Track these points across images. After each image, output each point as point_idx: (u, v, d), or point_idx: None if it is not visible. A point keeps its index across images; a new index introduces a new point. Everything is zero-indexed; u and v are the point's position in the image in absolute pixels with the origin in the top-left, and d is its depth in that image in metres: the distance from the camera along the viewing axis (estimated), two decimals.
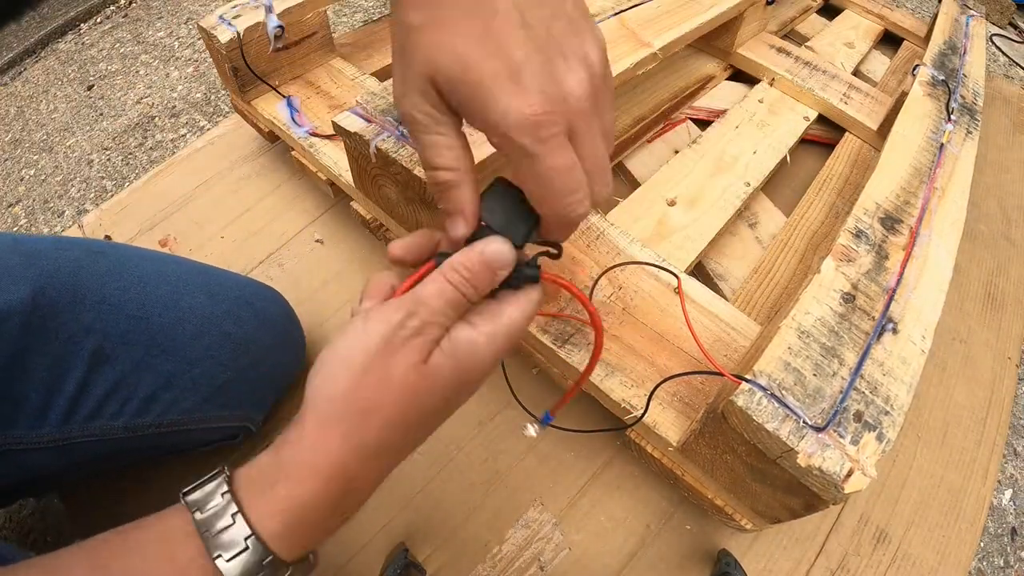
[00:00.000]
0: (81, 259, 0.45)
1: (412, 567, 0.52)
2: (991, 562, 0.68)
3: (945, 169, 0.60)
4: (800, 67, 0.90)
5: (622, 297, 0.55)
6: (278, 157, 0.86)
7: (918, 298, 0.46)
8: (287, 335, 0.58)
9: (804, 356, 0.41)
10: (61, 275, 0.43)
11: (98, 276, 0.45)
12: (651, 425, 0.48)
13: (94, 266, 0.46)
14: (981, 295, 0.82)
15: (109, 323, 0.44)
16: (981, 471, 0.66)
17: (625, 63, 0.64)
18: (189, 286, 0.50)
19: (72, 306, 0.43)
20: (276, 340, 0.55)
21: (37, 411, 0.41)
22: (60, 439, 0.42)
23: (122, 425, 0.44)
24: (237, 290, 0.53)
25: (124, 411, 0.44)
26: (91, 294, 0.44)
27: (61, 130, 1.15)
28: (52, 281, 0.42)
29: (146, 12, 1.45)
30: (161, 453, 0.53)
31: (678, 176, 0.75)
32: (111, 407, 0.44)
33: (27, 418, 0.41)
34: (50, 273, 0.42)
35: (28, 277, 0.41)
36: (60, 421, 0.42)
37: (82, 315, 0.43)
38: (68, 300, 0.43)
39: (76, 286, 0.43)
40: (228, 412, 0.51)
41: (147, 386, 0.45)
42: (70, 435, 0.43)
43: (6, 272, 0.40)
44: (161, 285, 0.48)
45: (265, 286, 0.58)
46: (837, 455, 0.36)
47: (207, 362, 0.48)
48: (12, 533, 0.63)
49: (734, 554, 0.55)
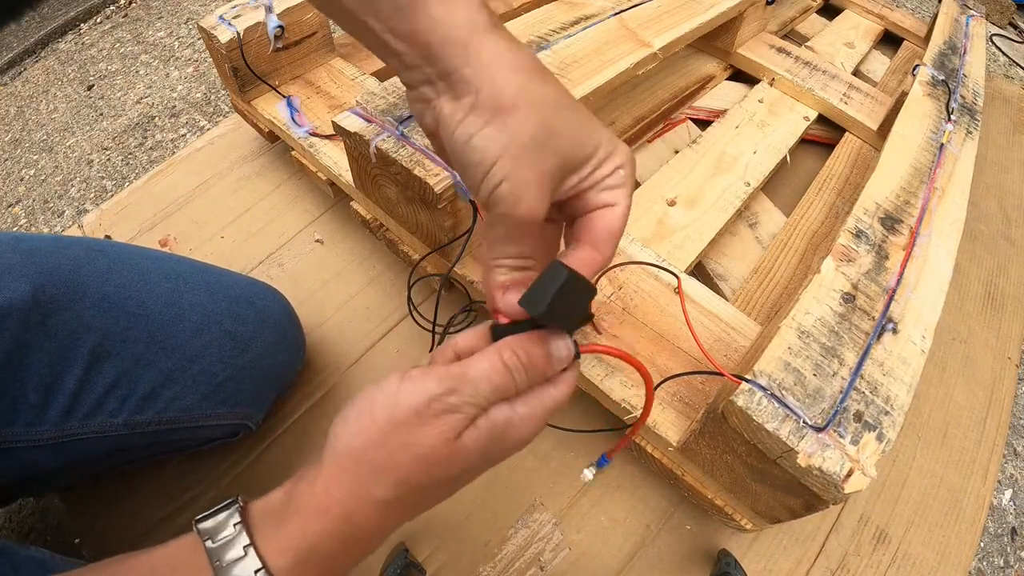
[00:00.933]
0: (81, 257, 0.45)
1: (412, 567, 0.52)
2: (991, 562, 0.68)
3: (945, 169, 0.60)
4: (800, 67, 0.90)
5: (622, 297, 0.55)
6: (278, 157, 0.86)
7: (918, 298, 0.46)
8: (287, 334, 0.58)
9: (804, 356, 0.41)
10: (61, 272, 0.43)
11: (98, 273, 0.45)
12: (651, 425, 0.48)
13: (94, 264, 0.46)
14: (981, 295, 0.82)
15: (109, 320, 0.44)
16: (981, 471, 0.66)
17: (625, 63, 0.64)
18: (189, 283, 0.50)
19: (72, 303, 0.43)
20: (276, 339, 0.55)
21: (36, 408, 0.41)
22: (59, 436, 0.42)
23: (122, 422, 0.44)
24: (237, 288, 0.53)
25: (124, 408, 0.44)
26: (91, 291, 0.44)
27: (61, 130, 1.15)
28: (52, 278, 0.42)
29: (146, 12, 1.45)
30: (161, 451, 0.53)
31: (678, 176, 0.75)
32: (111, 404, 0.44)
33: (26, 415, 0.41)
34: (50, 270, 0.42)
35: (28, 274, 0.41)
36: (59, 418, 0.42)
37: (82, 312, 0.43)
38: (68, 297, 0.43)
39: (76, 283, 0.43)
40: (227, 410, 0.51)
41: (147, 383, 0.45)
42: (69, 432, 0.43)
43: (6, 270, 0.40)
44: (161, 282, 0.48)
45: (265, 285, 0.58)
46: (837, 455, 0.36)
47: (207, 359, 0.48)
48: (12, 533, 0.63)
49: (734, 554, 0.55)
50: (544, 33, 0.65)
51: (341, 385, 0.65)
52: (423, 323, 0.59)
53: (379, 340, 0.69)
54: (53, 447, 0.42)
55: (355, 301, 0.72)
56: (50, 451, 0.43)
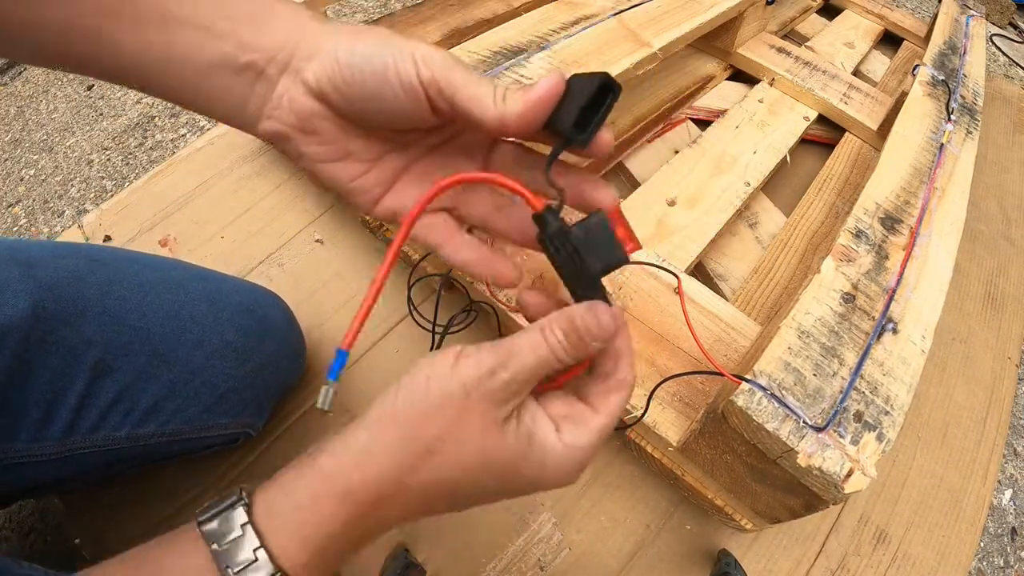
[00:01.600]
0: (80, 268, 0.45)
1: (412, 567, 0.52)
2: (991, 562, 0.68)
3: (945, 169, 0.60)
4: (800, 67, 0.90)
5: (622, 297, 0.55)
6: (278, 157, 0.86)
7: (918, 298, 0.46)
8: (288, 341, 0.57)
9: (804, 356, 0.41)
10: (61, 287, 0.42)
11: (98, 286, 0.45)
12: (651, 425, 0.48)
13: (93, 276, 0.45)
14: (981, 295, 0.82)
15: (110, 334, 0.44)
16: (981, 471, 0.66)
17: (625, 63, 0.64)
18: (191, 294, 0.49)
19: (72, 319, 0.42)
20: (277, 347, 0.55)
21: (38, 424, 0.41)
22: (62, 451, 0.42)
23: (125, 435, 0.44)
24: (238, 296, 0.53)
25: (127, 422, 0.44)
26: (92, 305, 0.43)
27: (61, 130, 1.15)
28: (52, 294, 0.42)
29: None
30: (162, 459, 0.53)
31: (678, 176, 0.75)
32: (114, 418, 0.44)
33: (28, 431, 0.40)
34: (50, 285, 0.42)
35: (27, 290, 0.40)
36: (62, 434, 0.42)
37: (83, 327, 0.42)
38: (68, 312, 0.42)
39: (76, 298, 0.43)
40: (230, 420, 0.51)
41: (150, 396, 0.45)
42: (72, 447, 0.42)
43: (5, 285, 0.40)
44: (162, 294, 0.48)
45: (266, 291, 0.58)
46: (837, 455, 0.36)
47: (209, 371, 0.48)
48: (12, 533, 0.63)
49: (734, 554, 0.55)
50: (544, 33, 0.65)
51: (341, 385, 0.65)
52: (423, 323, 0.59)
53: (379, 340, 0.69)
54: (55, 462, 0.42)
55: (355, 301, 0.72)
56: (52, 465, 0.42)
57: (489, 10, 0.96)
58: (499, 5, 0.96)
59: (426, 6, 0.96)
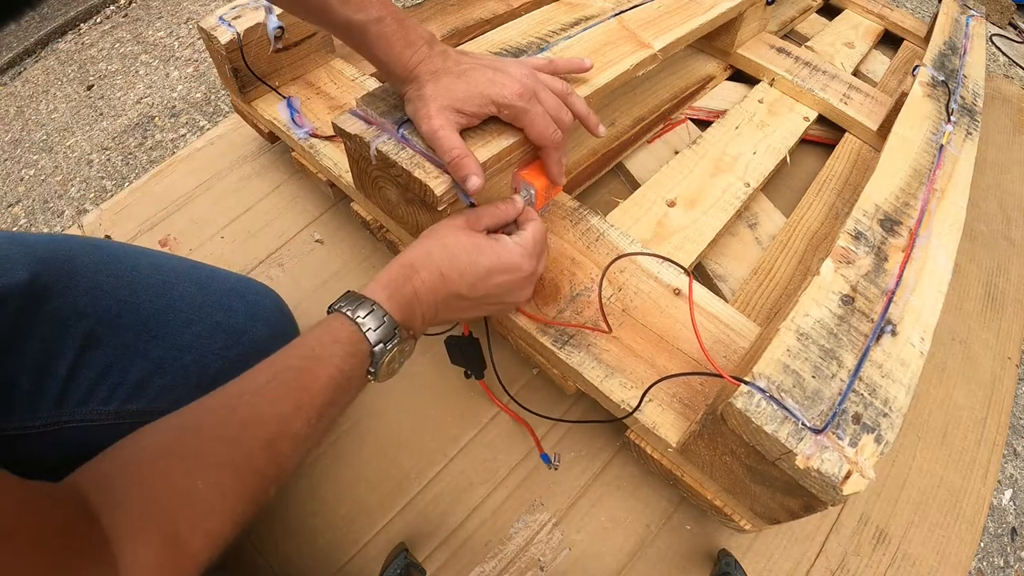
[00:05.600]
0: (76, 248, 0.47)
1: (412, 567, 0.52)
2: (991, 562, 0.68)
3: (945, 170, 0.60)
4: (800, 67, 0.90)
5: (622, 298, 0.55)
6: (278, 157, 0.86)
7: (917, 300, 0.46)
8: (280, 328, 0.58)
9: (803, 358, 0.41)
10: (57, 261, 0.45)
11: (92, 263, 0.47)
12: (651, 426, 0.48)
13: (88, 255, 0.47)
14: (981, 295, 0.82)
15: (100, 307, 0.45)
16: (981, 471, 0.66)
17: (625, 64, 0.64)
18: (180, 276, 0.51)
19: (66, 290, 0.44)
20: (269, 332, 0.56)
21: (29, 396, 0.42)
22: (52, 425, 0.43)
23: (112, 410, 0.45)
24: (228, 283, 0.55)
25: (114, 396, 0.45)
26: (84, 279, 0.45)
27: (61, 130, 1.15)
28: (48, 267, 0.44)
29: (146, 12, 1.45)
30: None
31: (678, 177, 0.75)
32: (101, 392, 0.44)
33: (20, 403, 0.42)
34: (46, 260, 0.44)
35: (26, 263, 0.42)
36: (52, 406, 0.43)
37: (76, 299, 0.44)
38: (62, 284, 0.44)
39: (71, 271, 0.45)
40: None
41: (137, 371, 0.46)
42: (61, 419, 0.43)
43: (4, 259, 0.42)
44: (152, 274, 0.49)
45: (256, 281, 0.59)
46: (835, 457, 0.36)
47: (198, 350, 0.49)
48: None
49: (734, 554, 0.56)
50: (544, 34, 0.65)
51: None
52: None
53: None
54: (48, 436, 0.43)
55: None
56: (44, 441, 0.43)
57: (489, 10, 0.96)
58: (499, 5, 0.96)
59: (426, 6, 0.96)
